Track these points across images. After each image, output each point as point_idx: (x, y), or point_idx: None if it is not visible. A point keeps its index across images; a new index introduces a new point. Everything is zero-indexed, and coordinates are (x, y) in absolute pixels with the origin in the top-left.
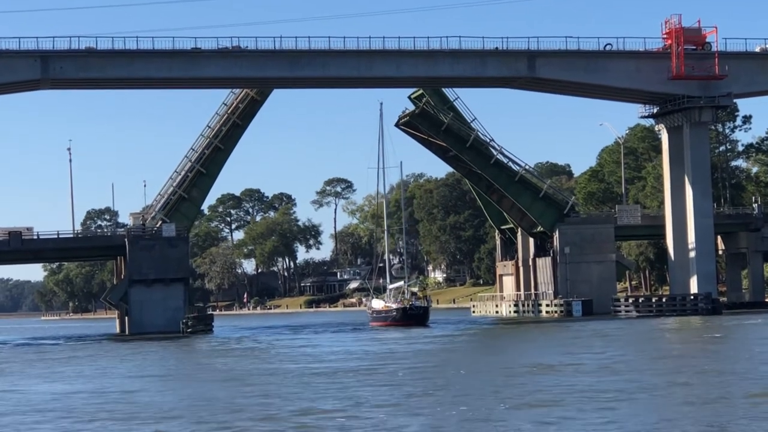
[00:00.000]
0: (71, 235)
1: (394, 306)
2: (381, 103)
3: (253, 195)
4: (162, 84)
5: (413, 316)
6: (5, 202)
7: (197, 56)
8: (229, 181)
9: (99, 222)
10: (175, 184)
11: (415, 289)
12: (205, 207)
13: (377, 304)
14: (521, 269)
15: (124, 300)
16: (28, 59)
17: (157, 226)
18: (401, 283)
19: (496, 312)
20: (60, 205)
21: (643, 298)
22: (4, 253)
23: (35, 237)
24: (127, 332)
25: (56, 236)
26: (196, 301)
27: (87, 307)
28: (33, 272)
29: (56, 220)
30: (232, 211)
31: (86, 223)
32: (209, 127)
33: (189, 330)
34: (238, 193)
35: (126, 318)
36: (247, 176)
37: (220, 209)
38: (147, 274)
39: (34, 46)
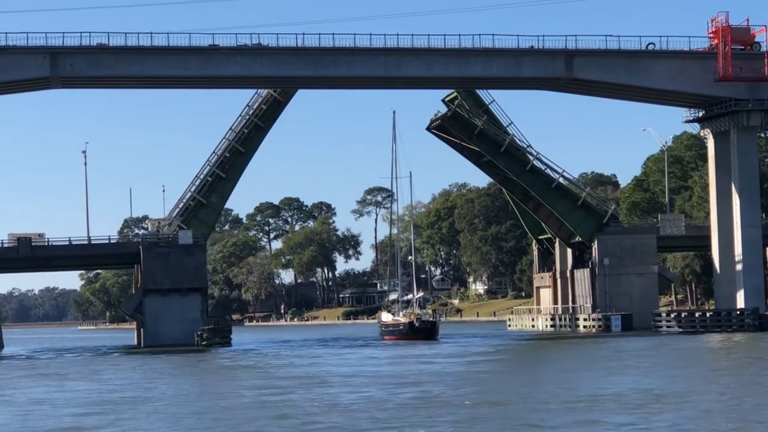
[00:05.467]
0: (84, 242)
1: (402, 320)
2: (394, 112)
3: (292, 204)
4: (178, 83)
5: (420, 330)
6: (20, 207)
7: (215, 54)
8: (268, 189)
9: (136, 230)
10: (193, 189)
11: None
12: (243, 215)
13: (387, 317)
14: (559, 281)
15: (139, 311)
16: (37, 56)
17: (174, 233)
18: (410, 296)
19: (533, 326)
20: (78, 211)
21: (685, 313)
22: (12, 260)
23: (46, 244)
24: (142, 344)
25: (68, 243)
26: (232, 312)
27: (124, 317)
28: (78, 281)
29: (74, 227)
30: (271, 220)
31: (123, 232)
32: (232, 129)
33: (204, 343)
34: (276, 202)
35: (141, 330)
36: (287, 185)
37: (258, 218)
38: (162, 284)
39: (42, 42)
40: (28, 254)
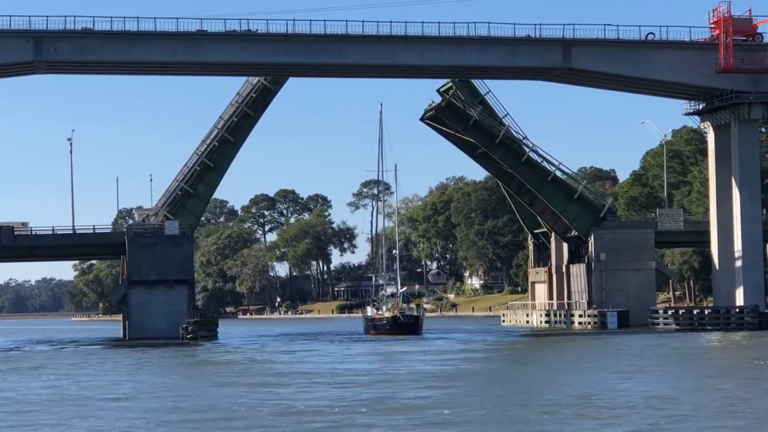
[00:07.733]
0: (69, 232)
1: (386, 314)
2: (381, 104)
3: (288, 196)
4: (164, 69)
5: (403, 325)
6: (3, 196)
7: (203, 39)
8: (264, 181)
9: (130, 221)
10: (181, 179)
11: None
12: (238, 207)
13: (371, 312)
14: (554, 276)
15: (124, 302)
16: (20, 40)
17: (160, 223)
18: (394, 289)
19: (527, 322)
20: (64, 201)
21: (683, 311)
22: None
23: (29, 233)
24: (127, 337)
25: (51, 232)
26: (226, 304)
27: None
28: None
29: (60, 216)
30: (266, 212)
31: (117, 222)
32: (221, 118)
33: (189, 336)
34: (272, 194)
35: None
36: (283, 176)
37: (253, 210)
38: (148, 275)
39: (26, 26)
40: (11, 243)
